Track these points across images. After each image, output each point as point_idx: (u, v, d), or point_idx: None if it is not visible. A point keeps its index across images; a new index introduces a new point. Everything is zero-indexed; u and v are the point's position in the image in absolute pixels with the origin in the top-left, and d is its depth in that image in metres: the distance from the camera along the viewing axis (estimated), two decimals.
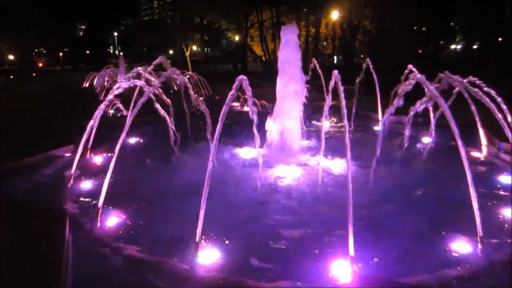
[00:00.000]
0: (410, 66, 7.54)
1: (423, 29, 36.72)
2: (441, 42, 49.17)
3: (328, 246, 3.98)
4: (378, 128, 9.68)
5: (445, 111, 4.16)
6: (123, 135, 4.76)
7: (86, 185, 5.70)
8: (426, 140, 7.98)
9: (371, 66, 9.65)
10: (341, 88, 4.68)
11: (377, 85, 9.82)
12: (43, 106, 17.92)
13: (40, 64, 68.80)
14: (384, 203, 4.98)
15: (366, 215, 4.48)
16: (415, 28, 31.26)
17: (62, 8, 44.29)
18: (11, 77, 41.47)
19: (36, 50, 69.51)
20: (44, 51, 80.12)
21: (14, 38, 37.86)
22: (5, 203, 4.63)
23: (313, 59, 10.45)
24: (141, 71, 7.38)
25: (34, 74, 43.74)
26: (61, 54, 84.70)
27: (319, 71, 10.01)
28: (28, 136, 10.13)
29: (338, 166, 6.45)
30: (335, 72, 5.18)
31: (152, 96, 5.60)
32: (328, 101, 5.52)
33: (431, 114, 7.34)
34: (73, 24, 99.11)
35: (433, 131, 7.08)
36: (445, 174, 5.89)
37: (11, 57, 47.14)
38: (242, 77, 4.63)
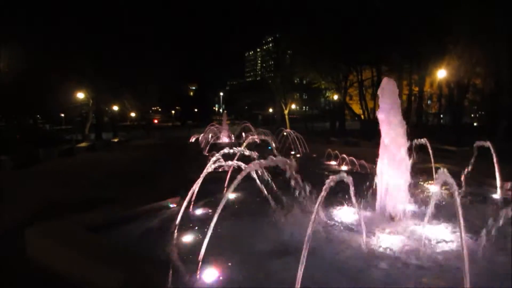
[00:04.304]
0: None
1: None
2: None
3: None
4: (496, 196, 8.56)
5: None
6: (226, 190, 4.91)
7: (189, 237, 5.89)
8: None
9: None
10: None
11: (493, 148, 8.80)
12: (155, 157, 19.78)
13: (156, 121, 77.42)
14: None
15: None
16: None
17: (178, 72, 49.98)
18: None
19: (153, 108, 78.38)
20: (160, 109, 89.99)
21: (137, 98, 43.13)
22: (112, 250, 4.95)
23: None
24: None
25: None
26: (173, 111, 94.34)
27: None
28: (140, 186, 11.15)
29: (449, 237, 5.72)
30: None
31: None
32: None
33: None
34: (185, 85, 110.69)
35: None
36: None
37: (132, 114, 53.72)
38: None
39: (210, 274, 4.55)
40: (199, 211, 7.20)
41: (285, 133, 20.99)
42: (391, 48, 32.12)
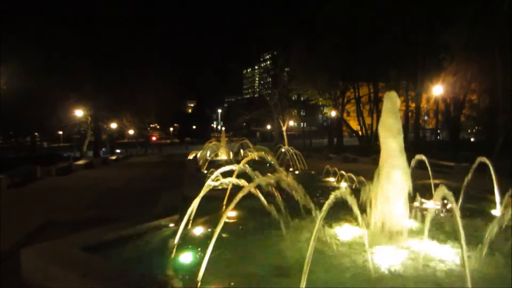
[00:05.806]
0: None
1: None
2: None
3: None
4: (496, 212, 8.52)
5: None
6: (225, 208, 4.86)
7: (188, 256, 5.80)
8: None
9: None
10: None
11: (491, 164, 8.81)
12: (153, 175, 19.71)
13: (154, 138, 77.43)
14: None
15: None
16: None
17: (177, 89, 50.36)
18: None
19: (152, 125, 78.47)
20: (158, 126, 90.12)
21: (135, 115, 43.17)
22: (109, 270, 4.89)
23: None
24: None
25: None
26: (171, 128, 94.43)
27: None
28: (138, 204, 11.06)
29: (448, 254, 5.66)
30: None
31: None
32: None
33: None
34: (184, 102, 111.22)
35: None
36: None
37: (130, 131, 53.73)
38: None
39: None
40: (198, 230, 7.12)
41: (283, 150, 20.98)
42: (388, 65, 32.50)
